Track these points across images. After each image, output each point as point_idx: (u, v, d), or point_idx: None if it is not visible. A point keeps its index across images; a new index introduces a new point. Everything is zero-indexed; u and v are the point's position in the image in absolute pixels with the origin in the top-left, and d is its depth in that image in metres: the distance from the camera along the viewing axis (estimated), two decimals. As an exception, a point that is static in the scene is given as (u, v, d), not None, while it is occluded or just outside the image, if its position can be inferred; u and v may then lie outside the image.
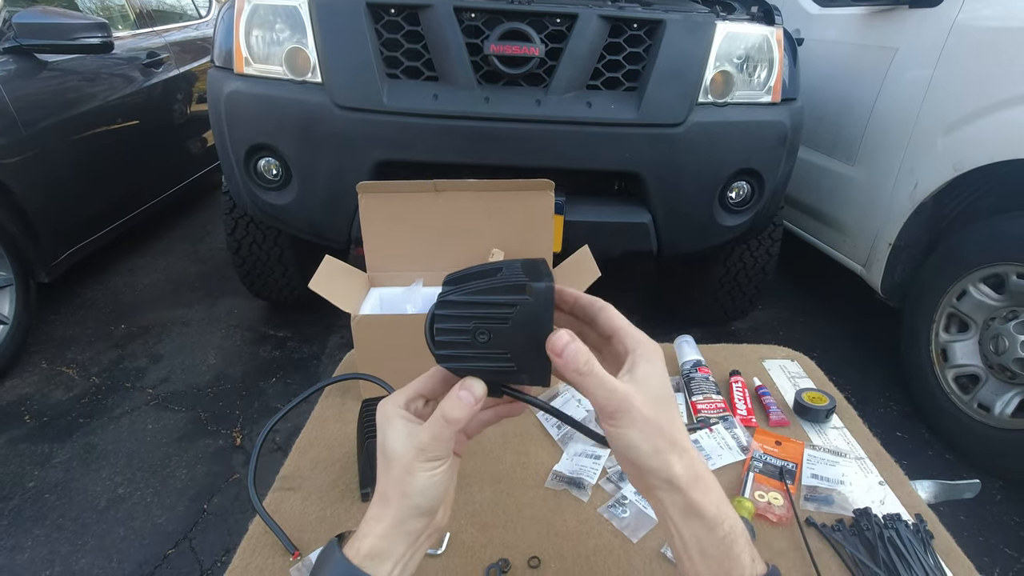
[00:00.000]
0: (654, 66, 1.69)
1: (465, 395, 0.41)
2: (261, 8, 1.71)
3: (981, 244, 1.77)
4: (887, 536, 0.65)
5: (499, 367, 0.41)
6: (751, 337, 2.51)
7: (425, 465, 0.41)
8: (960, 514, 1.64)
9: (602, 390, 0.39)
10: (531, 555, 0.66)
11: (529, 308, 0.39)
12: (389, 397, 0.45)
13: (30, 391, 2.05)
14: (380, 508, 0.42)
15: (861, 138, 2.24)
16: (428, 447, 0.41)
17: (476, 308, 0.40)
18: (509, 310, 0.39)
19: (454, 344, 0.41)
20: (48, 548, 1.47)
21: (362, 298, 0.93)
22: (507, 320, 0.40)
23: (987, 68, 1.76)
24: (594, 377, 0.39)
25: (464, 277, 0.42)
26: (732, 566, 0.39)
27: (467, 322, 0.40)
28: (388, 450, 0.42)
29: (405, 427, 0.42)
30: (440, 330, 0.41)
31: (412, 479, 0.41)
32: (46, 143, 2.24)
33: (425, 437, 0.41)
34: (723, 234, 1.92)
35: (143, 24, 3.13)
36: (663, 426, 0.39)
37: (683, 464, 0.40)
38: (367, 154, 1.70)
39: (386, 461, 0.42)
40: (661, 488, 0.40)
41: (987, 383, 1.76)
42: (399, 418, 0.43)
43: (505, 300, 0.39)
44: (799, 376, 0.98)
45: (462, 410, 0.41)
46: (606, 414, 0.40)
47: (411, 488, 0.41)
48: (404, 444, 0.42)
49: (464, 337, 0.40)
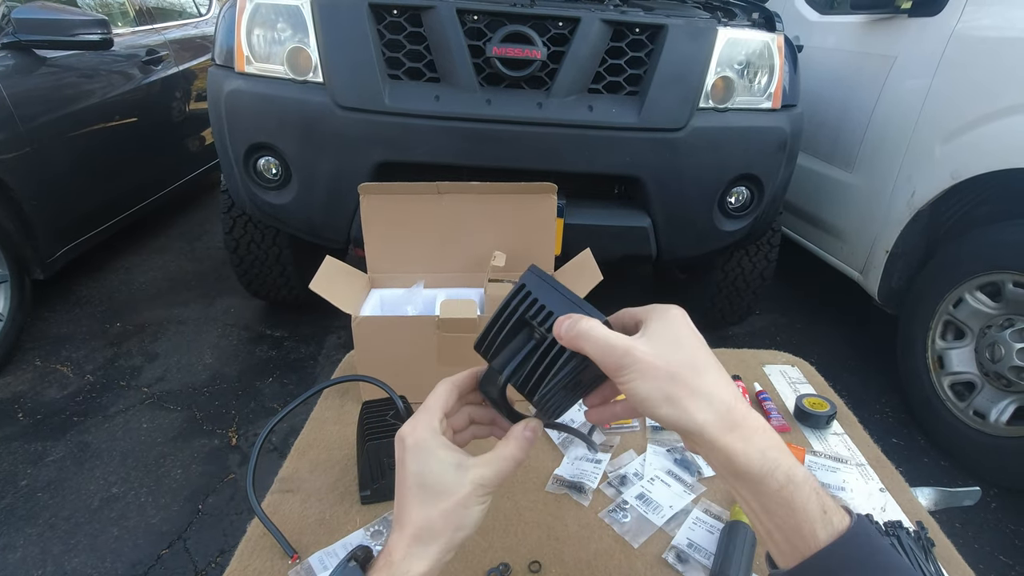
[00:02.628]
0: (656, 71, 1.69)
1: (530, 435, 0.42)
2: (263, 7, 1.71)
3: (978, 252, 1.78)
4: (888, 543, 0.65)
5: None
6: (749, 342, 2.52)
7: (482, 498, 0.41)
8: (956, 521, 1.64)
9: (599, 348, 0.37)
10: (532, 559, 0.65)
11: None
12: (417, 421, 0.42)
13: (24, 389, 2.04)
14: (419, 545, 0.39)
15: (860, 145, 2.25)
16: (489, 481, 0.40)
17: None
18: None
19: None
20: (40, 547, 1.46)
21: (363, 299, 0.92)
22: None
23: (985, 77, 1.77)
24: (591, 339, 0.37)
25: None
26: (801, 521, 0.34)
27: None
28: (434, 483, 0.40)
29: (452, 457, 0.41)
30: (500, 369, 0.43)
31: (468, 513, 0.40)
32: (44, 139, 2.23)
33: (489, 473, 0.41)
34: (722, 239, 1.92)
35: (143, 21, 3.12)
36: (678, 373, 0.36)
37: (711, 410, 0.36)
38: (367, 155, 1.70)
39: (432, 495, 0.40)
40: (694, 442, 0.37)
41: (983, 390, 1.77)
42: (441, 447, 0.41)
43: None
44: (799, 382, 0.98)
45: (527, 448, 0.42)
46: (611, 372, 0.38)
47: (467, 521, 0.40)
48: (455, 477, 0.40)
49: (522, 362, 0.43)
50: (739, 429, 0.36)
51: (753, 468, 0.35)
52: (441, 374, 0.46)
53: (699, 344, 0.39)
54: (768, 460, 0.35)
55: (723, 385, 0.37)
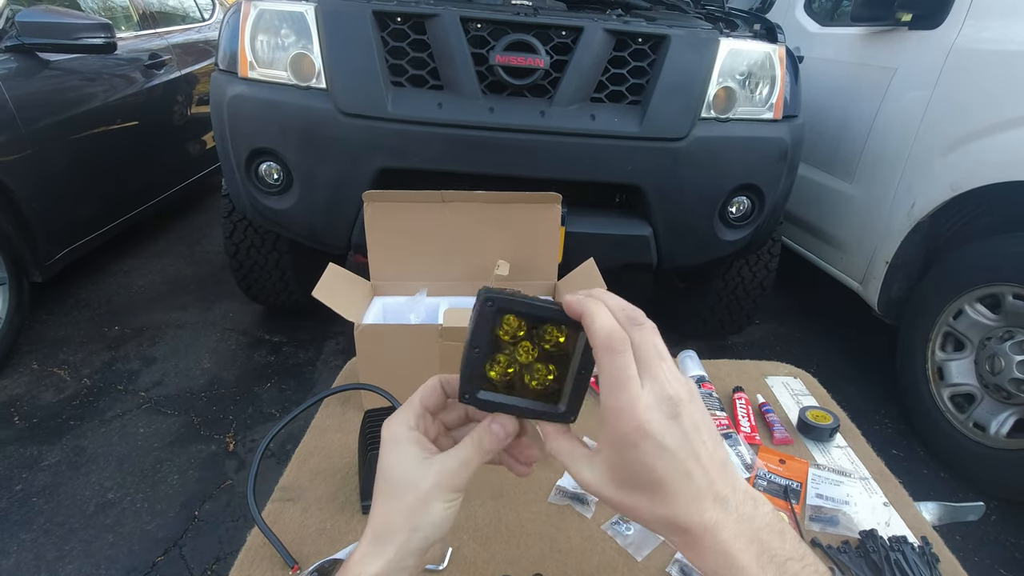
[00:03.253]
0: (658, 81, 1.70)
1: (500, 428, 0.39)
2: (267, 13, 1.71)
3: (978, 264, 1.78)
4: (893, 559, 0.65)
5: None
6: (748, 352, 2.52)
7: (446, 495, 0.38)
8: (955, 534, 1.64)
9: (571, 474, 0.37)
10: (534, 571, 0.65)
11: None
12: (395, 416, 0.41)
13: (20, 392, 2.02)
14: (376, 544, 0.38)
15: (860, 156, 2.26)
16: (453, 476, 0.38)
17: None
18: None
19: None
20: (34, 553, 1.44)
21: (365, 307, 0.92)
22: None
23: (985, 90, 1.78)
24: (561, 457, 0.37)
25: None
26: None
27: None
28: (396, 477, 0.39)
29: (417, 452, 0.39)
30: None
31: (427, 510, 0.38)
32: (45, 142, 2.23)
33: (452, 465, 0.38)
34: (723, 248, 1.92)
35: (146, 25, 3.13)
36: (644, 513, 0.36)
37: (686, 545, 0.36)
38: (370, 161, 1.70)
39: (393, 489, 0.38)
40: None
41: (983, 402, 1.77)
42: (409, 441, 0.39)
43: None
44: (802, 394, 0.98)
45: (497, 442, 0.39)
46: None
47: (424, 520, 0.38)
48: (418, 471, 0.38)
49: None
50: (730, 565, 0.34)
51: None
52: (443, 383, 0.45)
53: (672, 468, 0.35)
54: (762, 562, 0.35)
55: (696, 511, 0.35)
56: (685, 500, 0.35)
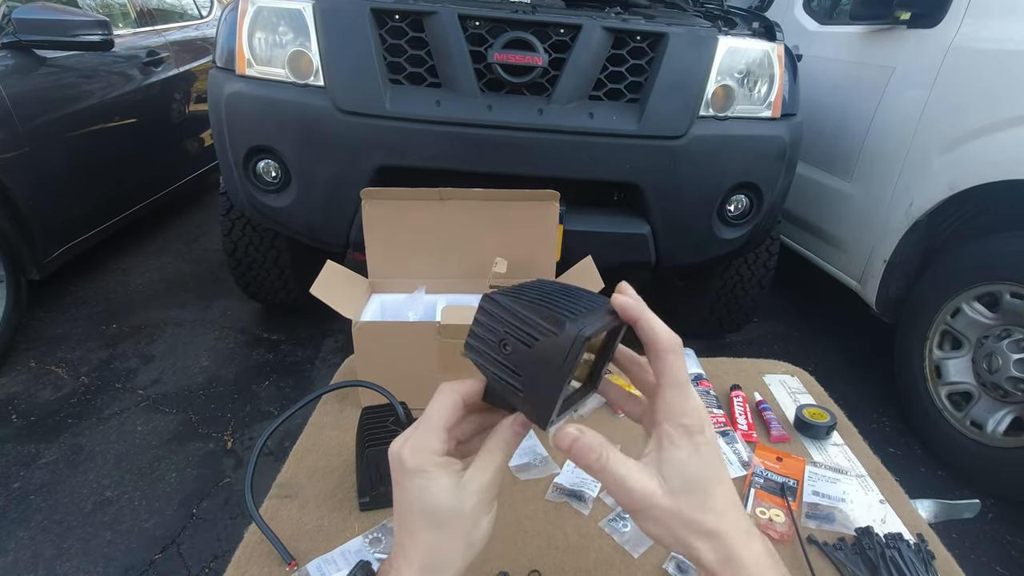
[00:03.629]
0: (656, 79, 1.70)
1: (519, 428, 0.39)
2: (265, 10, 1.71)
3: (976, 263, 1.78)
4: (889, 556, 0.65)
5: (509, 384, 0.39)
6: (746, 350, 2.52)
7: (489, 507, 0.38)
8: (952, 532, 1.64)
9: (618, 489, 0.36)
10: (531, 568, 0.65)
11: (553, 346, 0.37)
12: (416, 442, 0.38)
13: (18, 390, 2.02)
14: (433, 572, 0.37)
15: (858, 155, 2.26)
16: (492, 487, 0.38)
17: (512, 317, 0.38)
18: (535, 336, 0.37)
19: (483, 340, 0.40)
20: (32, 551, 1.44)
21: (363, 304, 0.92)
22: (530, 344, 0.38)
23: (983, 89, 1.78)
24: (608, 475, 0.36)
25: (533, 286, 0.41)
26: None
27: (502, 326, 0.39)
28: (439, 508, 0.37)
29: (451, 478, 0.38)
30: (477, 321, 0.40)
31: (478, 528, 0.38)
32: (42, 139, 2.22)
33: (488, 477, 0.38)
34: (721, 247, 1.93)
35: (144, 23, 3.12)
36: (688, 516, 0.36)
37: (712, 549, 0.36)
38: (368, 159, 1.69)
39: (438, 519, 0.37)
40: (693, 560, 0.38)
41: (980, 401, 1.77)
42: (440, 468, 0.38)
43: (536, 324, 0.37)
44: (799, 392, 0.98)
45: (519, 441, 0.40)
46: (626, 509, 0.38)
47: (477, 537, 0.38)
48: (460, 496, 0.37)
49: (493, 338, 0.39)
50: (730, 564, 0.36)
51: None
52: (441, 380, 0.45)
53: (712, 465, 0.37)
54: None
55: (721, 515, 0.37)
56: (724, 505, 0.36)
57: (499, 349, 0.39)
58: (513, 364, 0.39)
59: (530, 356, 0.38)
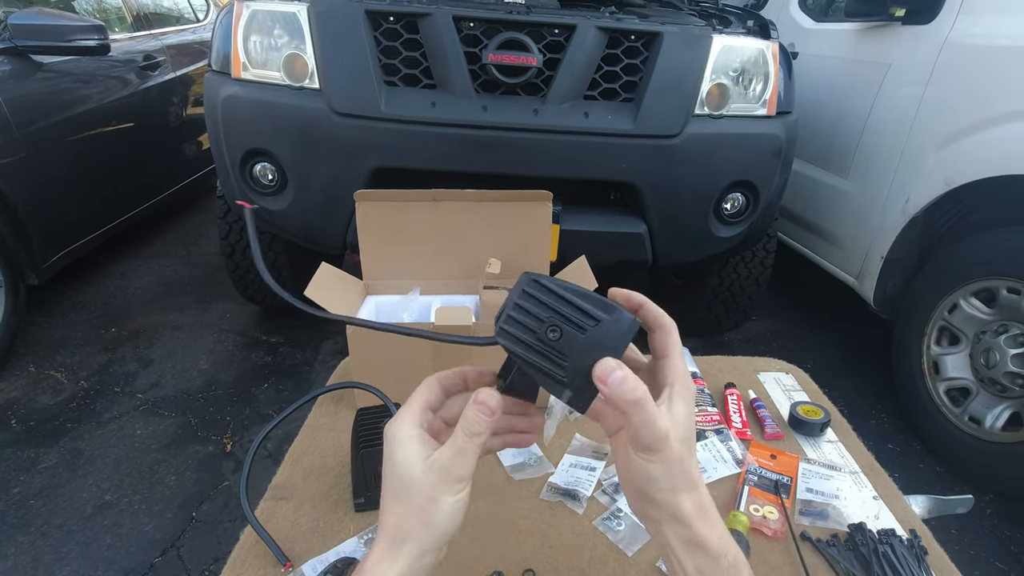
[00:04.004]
0: (651, 78, 1.70)
1: (482, 407, 0.39)
2: (260, 14, 1.71)
3: (972, 258, 1.79)
4: (881, 551, 0.65)
5: (550, 370, 0.39)
6: (744, 348, 2.52)
7: (451, 488, 0.38)
8: (951, 528, 1.64)
9: (647, 425, 0.38)
10: (525, 567, 0.65)
11: (609, 330, 0.38)
12: (397, 417, 0.41)
13: (17, 395, 2.02)
14: (392, 547, 0.38)
15: (854, 152, 2.26)
16: (451, 466, 0.38)
17: (564, 304, 0.39)
18: (592, 322, 0.38)
19: (523, 326, 0.39)
20: (32, 555, 1.44)
21: (358, 306, 0.92)
22: (585, 329, 0.38)
23: (978, 85, 1.78)
24: (642, 410, 0.38)
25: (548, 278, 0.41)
26: None
27: (548, 312, 0.39)
28: (404, 477, 0.39)
29: (420, 450, 0.39)
30: (518, 306, 0.39)
31: (436, 507, 0.38)
32: (40, 145, 2.23)
33: (447, 455, 0.39)
34: (718, 245, 1.93)
35: (140, 27, 3.12)
36: (685, 465, 0.39)
37: (692, 500, 0.39)
38: (364, 161, 1.70)
39: (402, 490, 0.39)
40: (665, 522, 0.40)
41: (978, 396, 1.77)
42: (412, 439, 0.39)
43: (593, 311, 0.38)
44: (794, 389, 0.98)
45: (481, 424, 0.39)
46: (642, 447, 0.39)
47: (435, 517, 0.38)
48: (422, 469, 0.38)
49: (536, 324, 0.39)
50: (706, 515, 0.40)
51: (714, 548, 0.39)
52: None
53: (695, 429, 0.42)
54: (724, 542, 0.40)
55: (700, 472, 0.42)
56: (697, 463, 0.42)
57: (543, 335, 0.39)
58: (558, 350, 0.39)
59: (581, 342, 0.38)
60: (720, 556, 0.39)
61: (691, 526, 0.39)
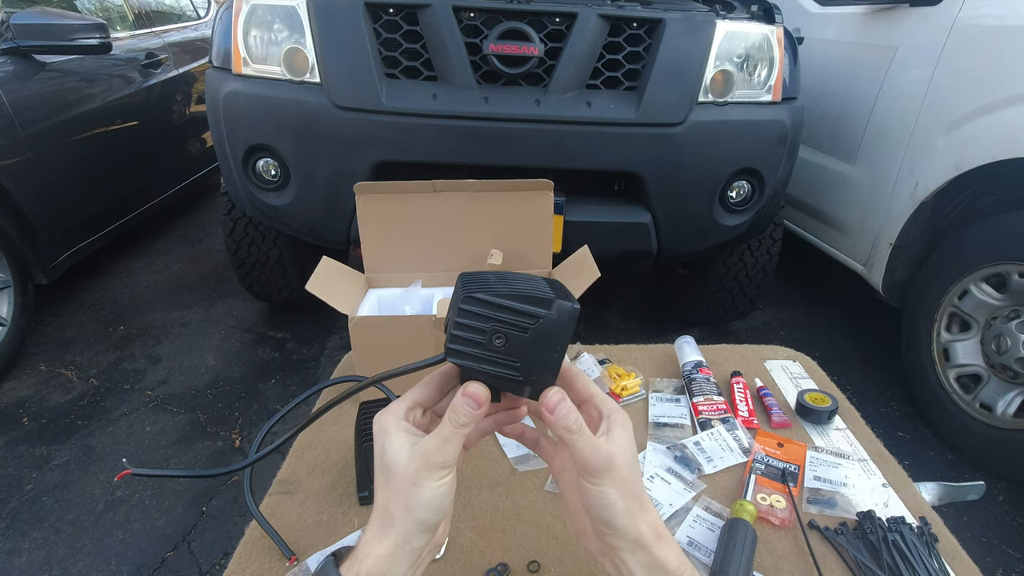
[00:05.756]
0: (654, 65, 1.68)
1: (469, 400, 0.41)
2: (259, 8, 1.70)
3: (982, 243, 1.76)
4: (891, 539, 0.64)
5: (505, 374, 0.41)
6: (752, 338, 2.51)
7: (433, 475, 0.40)
8: (963, 515, 1.63)
9: (589, 448, 0.41)
10: (530, 559, 0.65)
11: (551, 324, 0.40)
12: (386, 408, 0.44)
13: (28, 393, 2.04)
14: (382, 526, 0.41)
15: (861, 137, 2.23)
16: (434, 453, 0.40)
17: (500, 311, 0.40)
18: (532, 321, 0.40)
19: (468, 342, 0.40)
20: (46, 551, 1.46)
21: (360, 299, 0.92)
22: (527, 330, 0.40)
23: (988, 67, 1.75)
24: (583, 435, 0.41)
25: (481, 278, 0.42)
26: None
27: (488, 323, 0.40)
28: (389, 463, 0.41)
29: (407, 439, 0.41)
30: (459, 324, 0.40)
31: (418, 491, 0.40)
32: (44, 144, 2.24)
33: (433, 444, 0.40)
34: (723, 234, 1.91)
35: (142, 25, 3.13)
36: (634, 487, 0.42)
37: (647, 522, 0.42)
38: (366, 155, 1.69)
39: (387, 475, 0.41)
40: (625, 548, 0.42)
41: (989, 383, 1.75)
42: (399, 429, 0.42)
43: (530, 311, 0.40)
44: (801, 377, 0.97)
45: (468, 415, 0.41)
46: (590, 471, 0.41)
47: (416, 501, 0.40)
48: (408, 455, 0.41)
49: (480, 337, 0.40)
50: (662, 537, 0.42)
51: (673, 568, 0.42)
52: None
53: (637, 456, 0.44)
54: (680, 561, 0.42)
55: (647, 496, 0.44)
56: None
57: (488, 345, 0.40)
58: (507, 355, 0.40)
59: (526, 341, 0.40)
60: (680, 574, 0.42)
61: (650, 549, 0.41)
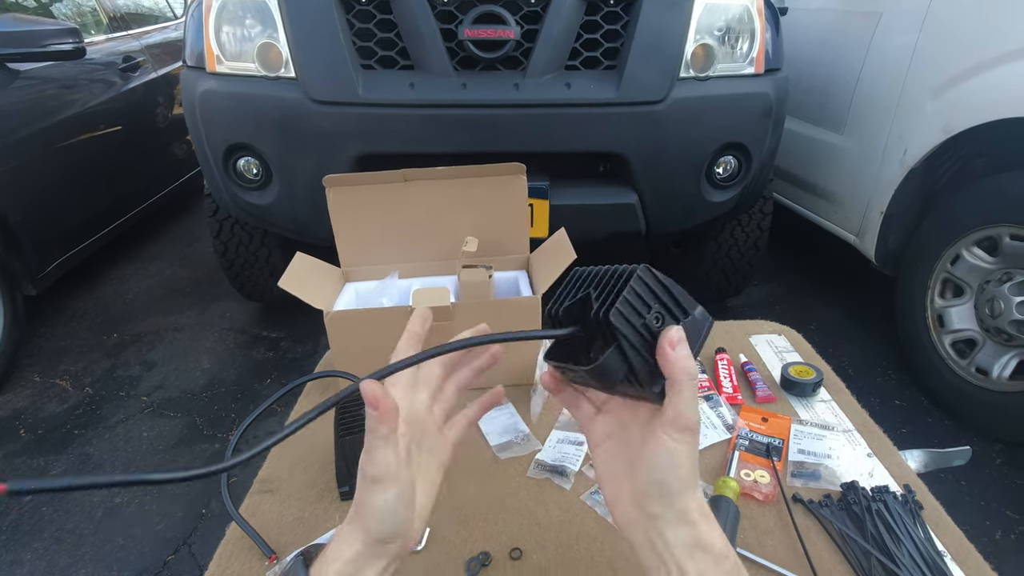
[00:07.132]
0: (632, 43, 1.65)
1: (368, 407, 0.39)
2: (231, 3, 1.67)
3: (973, 207, 1.74)
4: (875, 509, 0.64)
5: (643, 355, 0.39)
6: (746, 314, 2.50)
7: (371, 489, 0.39)
8: (961, 479, 1.63)
9: (692, 402, 0.39)
10: (512, 547, 0.64)
11: (696, 324, 0.40)
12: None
13: (24, 405, 2.04)
14: (352, 529, 0.40)
15: (849, 106, 2.20)
16: (366, 466, 0.39)
17: (666, 296, 0.39)
18: (684, 315, 0.40)
19: (633, 311, 0.39)
20: (47, 561, 1.47)
21: (337, 294, 0.91)
22: (679, 320, 0.39)
23: (972, 29, 1.72)
24: (692, 387, 0.38)
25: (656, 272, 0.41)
26: None
27: (655, 301, 0.39)
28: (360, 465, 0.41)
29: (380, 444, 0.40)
30: (633, 291, 0.39)
31: (367, 507, 0.39)
32: (24, 154, 2.21)
33: (362, 456, 0.40)
34: (712, 210, 1.89)
35: (117, 28, 3.08)
36: (697, 460, 0.40)
37: (696, 500, 0.40)
38: (345, 148, 1.67)
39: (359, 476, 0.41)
40: (669, 521, 0.39)
41: (984, 347, 1.75)
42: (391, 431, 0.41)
43: (689, 304, 0.40)
44: (786, 350, 0.97)
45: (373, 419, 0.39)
46: (679, 425, 0.38)
47: (369, 515, 0.39)
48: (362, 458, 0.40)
49: (644, 309, 0.39)
50: (709, 519, 0.40)
51: (719, 550, 0.39)
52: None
53: None
54: (726, 544, 0.40)
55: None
56: None
57: (649, 321, 0.39)
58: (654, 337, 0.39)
59: None
60: (724, 558, 0.39)
61: (696, 526, 0.39)
